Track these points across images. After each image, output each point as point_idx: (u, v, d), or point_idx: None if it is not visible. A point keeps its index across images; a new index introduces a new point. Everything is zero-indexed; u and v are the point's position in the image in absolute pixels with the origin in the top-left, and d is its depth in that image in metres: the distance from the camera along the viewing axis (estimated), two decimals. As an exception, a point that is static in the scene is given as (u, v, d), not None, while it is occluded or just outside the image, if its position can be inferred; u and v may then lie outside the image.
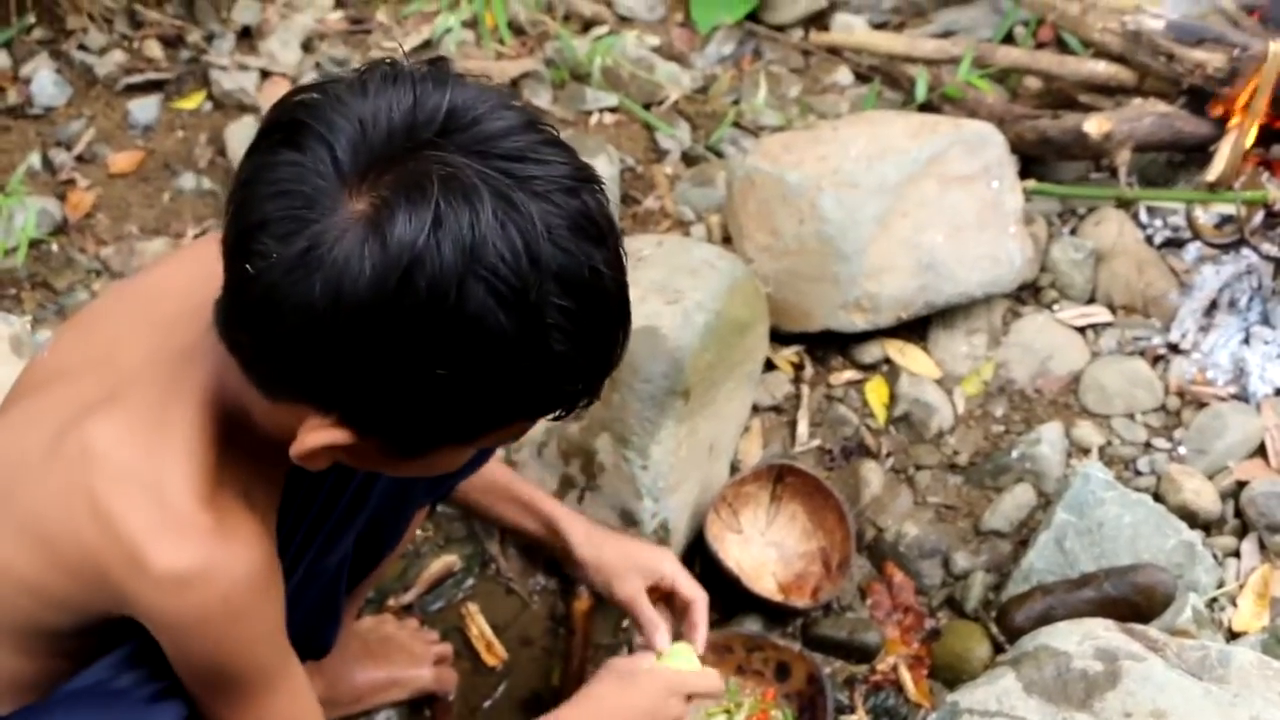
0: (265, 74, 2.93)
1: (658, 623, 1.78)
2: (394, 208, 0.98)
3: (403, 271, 0.97)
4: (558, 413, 1.13)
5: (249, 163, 1.05)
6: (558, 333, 1.03)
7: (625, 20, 3.23)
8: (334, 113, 1.02)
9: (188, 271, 1.28)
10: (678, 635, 1.80)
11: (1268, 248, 2.48)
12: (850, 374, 2.49)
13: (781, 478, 2.26)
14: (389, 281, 0.98)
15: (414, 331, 1.00)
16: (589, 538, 1.83)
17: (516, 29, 3.12)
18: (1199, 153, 2.69)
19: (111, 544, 1.14)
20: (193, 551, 1.14)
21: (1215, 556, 2.22)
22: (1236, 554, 2.25)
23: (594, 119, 2.97)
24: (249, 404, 1.16)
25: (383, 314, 0.99)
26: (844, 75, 3.17)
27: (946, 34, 3.24)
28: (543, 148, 1.04)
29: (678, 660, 1.75)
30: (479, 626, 2.15)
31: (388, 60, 1.06)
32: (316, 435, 1.10)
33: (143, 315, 1.29)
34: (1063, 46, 3.06)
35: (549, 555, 2.19)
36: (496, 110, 1.04)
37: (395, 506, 1.60)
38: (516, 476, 1.89)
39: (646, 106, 2.99)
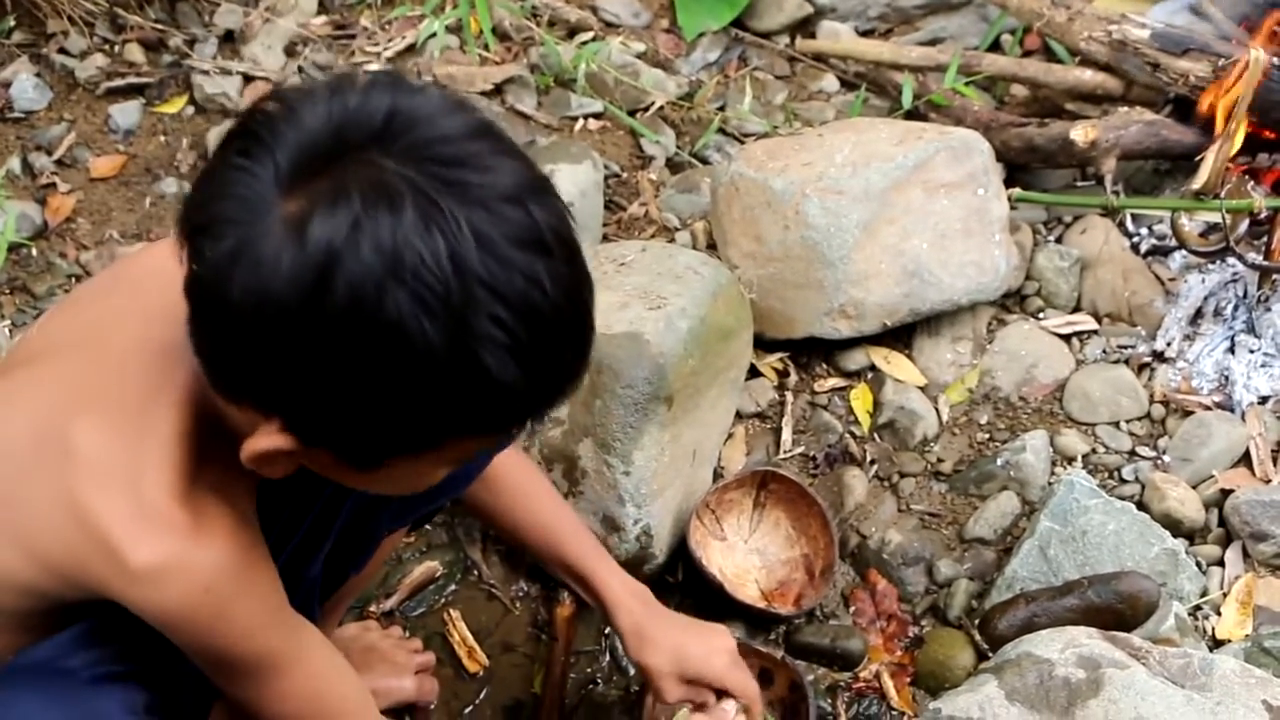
0: (248, 78, 2.92)
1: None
2: (315, 210, 0.98)
3: (319, 273, 0.97)
4: (507, 433, 1.11)
5: (204, 169, 1.07)
6: (491, 346, 1.00)
7: (610, 26, 3.22)
8: (283, 121, 1.02)
9: (175, 260, 1.28)
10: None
11: (1253, 256, 2.48)
12: (835, 381, 2.49)
13: (765, 484, 2.25)
14: (305, 282, 0.97)
15: (336, 335, 0.98)
16: (638, 637, 1.73)
17: (501, 34, 3.11)
18: (1185, 161, 2.69)
19: (92, 542, 1.14)
20: (168, 545, 1.14)
21: (1199, 565, 2.22)
22: (1220, 562, 2.25)
23: (579, 125, 2.96)
24: (221, 404, 1.15)
25: (303, 316, 0.98)
26: (830, 82, 3.17)
27: (933, 41, 3.25)
28: (491, 156, 1.03)
29: None
30: (460, 632, 2.14)
31: (347, 70, 1.06)
32: (261, 440, 1.09)
33: (131, 299, 1.28)
34: (1049, 54, 3.06)
35: (532, 561, 2.19)
36: (443, 115, 1.03)
37: (360, 529, 1.57)
38: (566, 526, 1.77)
39: (631, 113, 2.99)
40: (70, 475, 1.15)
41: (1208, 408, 2.43)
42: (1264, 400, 2.43)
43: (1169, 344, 2.52)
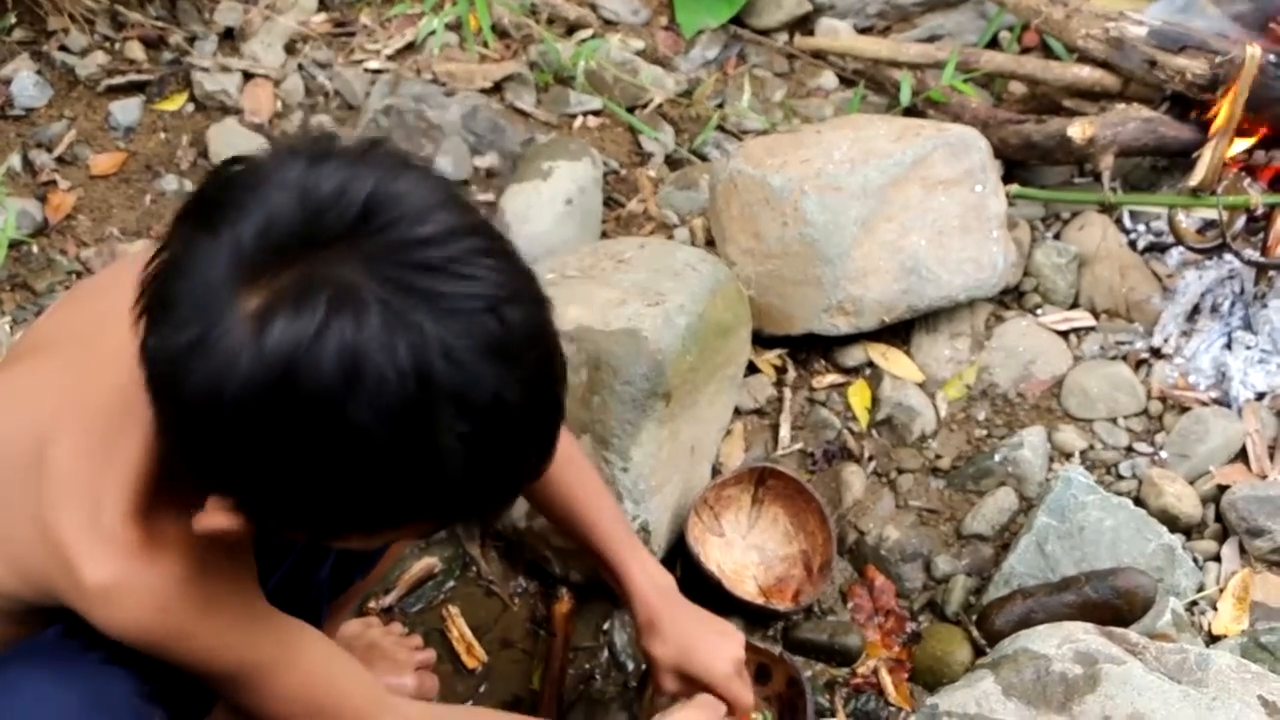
0: (248, 76, 2.93)
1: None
2: (278, 311, 0.95)
3: (278, 378, 0.95)
4: (463, 522, 1.11)
5: (171, 232, 1.03)
6: (452, 455, 0.99)
7: (610, 24, 3.23)
8: (252, 196, 0.99)
9: None
10: None
11: (1250, 252, 2.49)
12: (833, 377, 2.49)
13: (763, 480, 2.26)
14: (263, 386, 0.95)
15: (292, 435, 0.97)
16: (650, 622, 1.72)
17: (500, 32, 3.11)
18: (1182, 158, 2.69)
19: (54, 558, 1.16)
20: (119, 565, 1.15)
21: (1196, 560, 2.22)
22: (1217, 558, 2.25)
23: (578, 122, 2.96)
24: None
25: (259, 416, 0.96)
26: (828, 79, 3.18)
27: (931, 38, 3.25)
28: (472, 258, 1.00)
29: None
30: (459, 628, 2.15)
31: (325, 134, 1.04)
32: (213, 518, 1.09)
33: (123, 302, 1.27)
34: (1047, 51, 3.07)
35: (530, 557, 2.19)
36: (427, 211, 1.00)
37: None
38: (600, 511, 1.75)
39: (630, 110, 2.99)
40: (41, 490, 1.16)
41: (1205, 404, 2.44)
42: (1261, 396, 2.43)
43: (1166, 340, 2.52)
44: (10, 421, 1.23)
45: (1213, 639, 2.13)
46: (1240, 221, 2.53)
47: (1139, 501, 2.27)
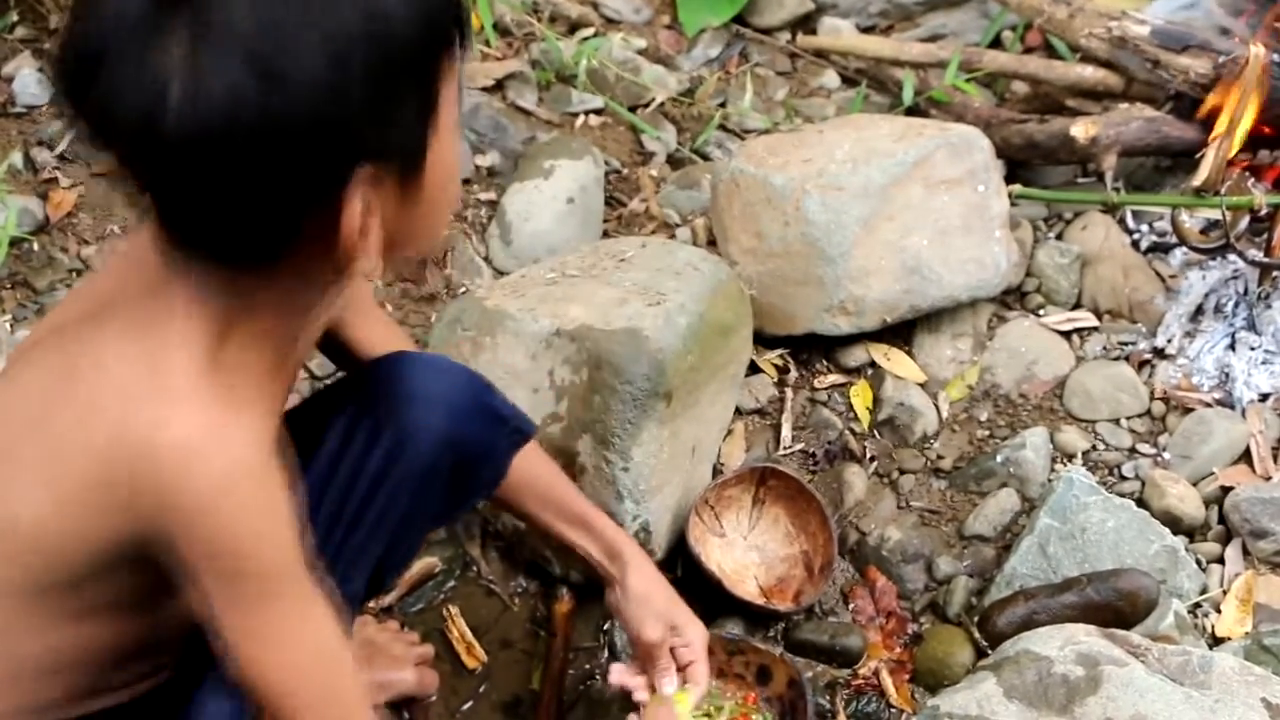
0: (249, 73, 2.92)
1: (670, 670, 1.82)
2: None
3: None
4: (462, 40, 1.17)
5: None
6: None
7: (611, 22, 3.22)
8: None
9: None
10: None
11: (1253, 253, 2.48)
12: (834, 377, 2.49)
13: (764, 480, 2.25)
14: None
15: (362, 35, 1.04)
16: (647, 575, 1.85)
17: (502, 30, 3.11)
18: (1186, 158, 2.69)
19: (125, 441, 1.15)
20: (200, 420, 1.15)
21: (1199, 562, 2.22)
22: (1220, 560, 2.24)
23: (579, 121, 2.96)
24: (243, 303, 1.18)
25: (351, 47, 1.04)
26: (830, 78, 3.17)
27: (934, 38, 3.25)
28: None
29: (680, 706, 1.80)
30: (459, 628, 2.14)
31: None
32: (354, 205, 1.10)
33: (134, 262, 1.30)
34: (1050, 51, 3.06)
35: (530, 558, 2.19)
36: None
37: (406, 532, 1.60)
38: (576, 493, 1.88)
39: (632, 109, 2.99)
40: (96, 388, 1.17)
41: (1208, 405, 2.43)
42: (1264, 397, 2.43)
43: (1169, 341, 2.52)
44: (32, 388, 1.24)
45: (1216, 641, 2.12)
46: (1244, 222, 2.52)
47: (1141, 503, 2.27)
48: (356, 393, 1.53)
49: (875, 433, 2.43)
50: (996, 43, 3.20)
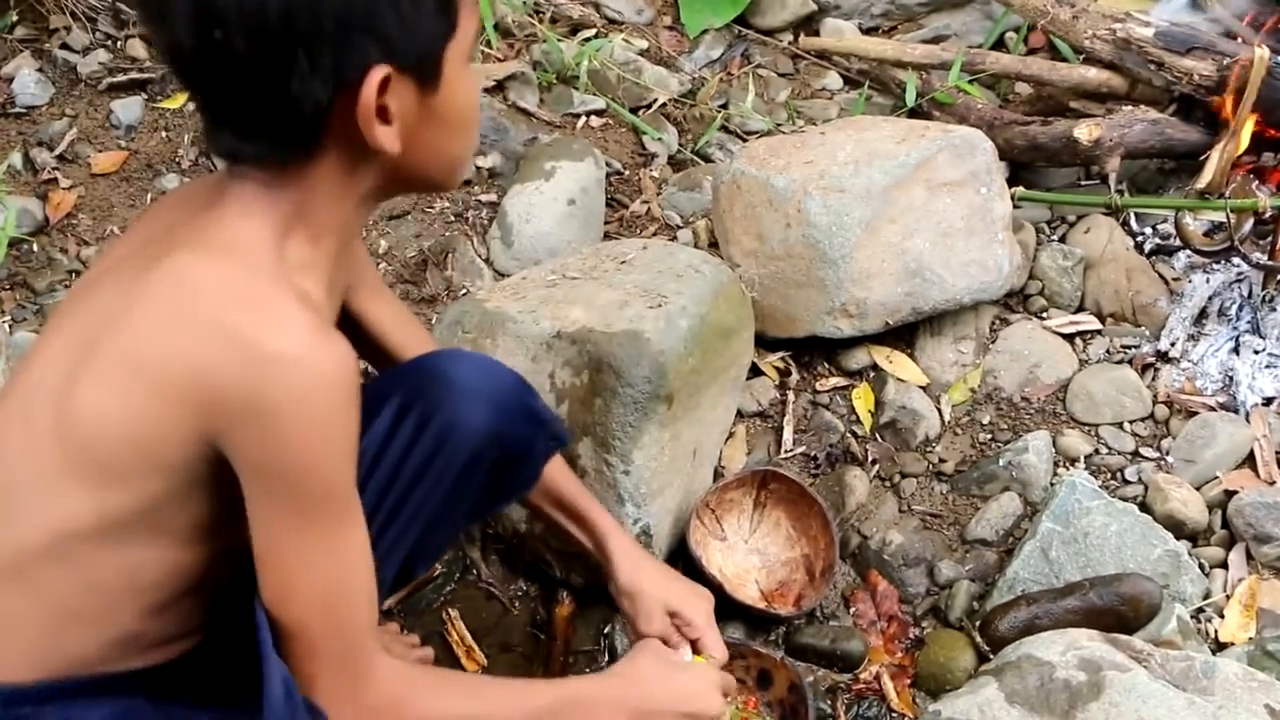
0: (250, 74, 2.91)
1: (681, 647, 1.82)
2: None
3: None
4: None
5: None
6: None
7: (613, 23, 3.22)
8: None
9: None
10: None
11: (1258, 256, 2.47)
12: (836, 380, 2.48)
13: (765, 484, 2.24)
14: None
15: None
16: (634, 565, 1.84)
17: (504, 31, 3.10)
18: (1190, 160, 2.68)
19: (225, 345, 1.18)
20: (301, 337, 1.20)
21: (1202, 567, 2.21)
22: (1224, 564, 2.23)
23: (581, 122, 2.95)
24: (296, 200, 1.25)
25: None
26: (833, 80, 3.17)
27: (937, 39, 3.24)
28: None
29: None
30: (459, 631, 2.14)
31: None
32: (369, 88, 1.18)
33: (181, 202, 1.36)
34: (1054, 52, 3.06)
35: (530, 561, 2.18)
36: None
37: (441, 524, 1.62)
38: (574, 483, 1.89)
39: (634, 110, 2.98)
40: (180, 294, 1.21)
41: (1212, 408, 2.42)
42: (1269, 401, 2.42)
43: (1173, 344, 2.51)
44: (108, 298, 1.27)
45: (1219, 646, 2.11)
46: (1248, 224, 2.51)
47: (1144, 507, 2.26)
48: (404, 384, 1.56)
49: (877, 436, 2.42)
50: (1000, 44, 3.20)
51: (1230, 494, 2.28)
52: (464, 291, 2.55)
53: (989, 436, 2.42)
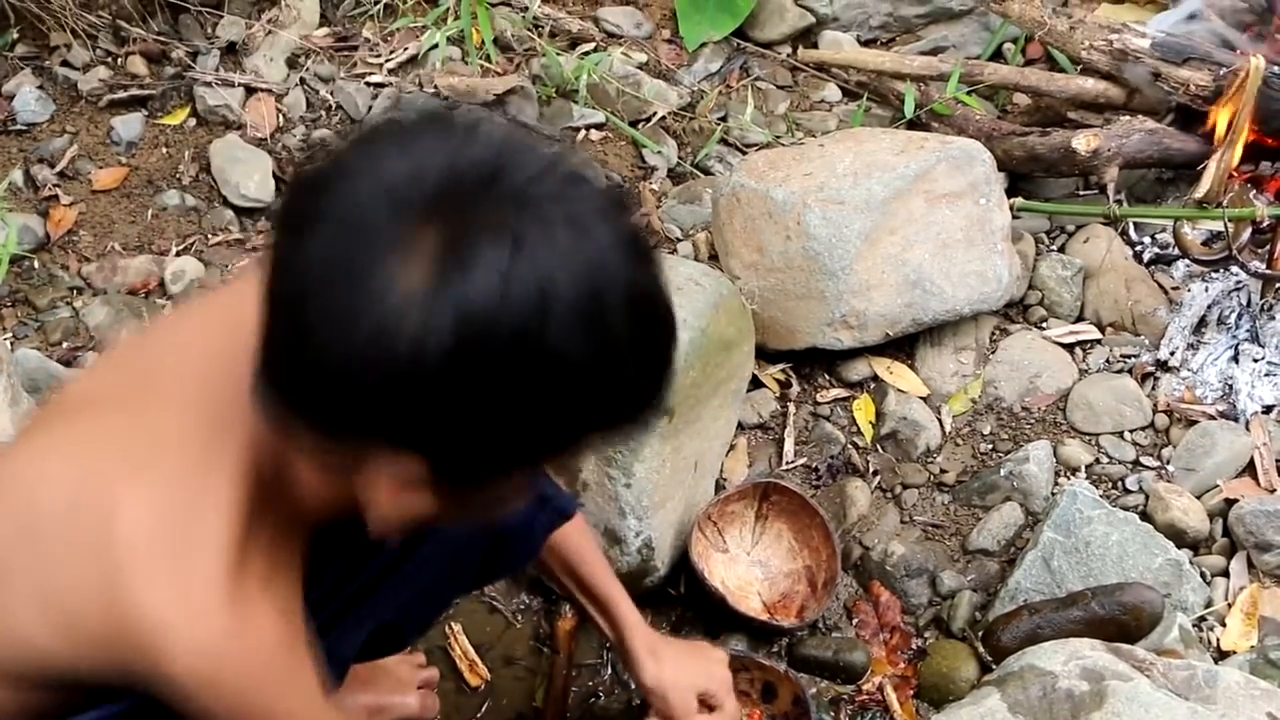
0: (250, 90, 2.93)
1: None
2: (460, 254, 0.95)
3: (481, 328, 0.95)
4: (638, 424, 1.10)
5: (290, 221, 1.02)
6: (630, 352, 1.02)
7: (612, 37, 3.23)
8: (358, 171, 1.00)
9: (236, 307, 1.19)
10: None
11: (1256, 264, 2.47)
12: (837, 392, 2.48)
13: (767, 496, 2.25)
14: (470, 338, 0.95)
15: (496, 376, 0.97)
16: (658, 663, 1.81)
17: (503, 46, 3.11)
18: (1187, 170, 2.68)
19: (131, 635, 1.11)
20: (211, 648, 1.11)
21: (1203, 575, 2.21)
22: (1225, 573, 2.23)
23: (580, 136, 2.96)
24: (286, 466, 1.14)
25: (467, 366, 0.96)
26: (832, 92, 3.17)
27: (935, 51, 3.24)
28: (576, 182, 1.02)
29: None
30: (462, 646, 2.13)
31: (392, 116, 1.04)
32: (405, 500, 1.08)
33: (184, 349, 1.25)
34: (1052, 63, 3.06)
35: (533, 576, 2.18)
36: (523, 153, 1.02)
37: (425, 604, 1.61)
38: (592, 554, 1.82)
39: (633, 123, 2.99)
40: (113, 556, 1.10)
41: (1212, 417, 2.42)
42: (1268, 409, 2.42)
43: (1172, 353, 2.51)
44: (53, 480, 1.17)
45: (1221, 655, 2.11)
46: (1246, 233, 2.51)
47: (1145, 516, 2.26)
48: None
49: (878, 447, 2.42)
50: (998, 55, 3.20)
51: (1231, 502, 2.28)
52: (465, 305, 2.55)
53: (990, 447, 2.42)
